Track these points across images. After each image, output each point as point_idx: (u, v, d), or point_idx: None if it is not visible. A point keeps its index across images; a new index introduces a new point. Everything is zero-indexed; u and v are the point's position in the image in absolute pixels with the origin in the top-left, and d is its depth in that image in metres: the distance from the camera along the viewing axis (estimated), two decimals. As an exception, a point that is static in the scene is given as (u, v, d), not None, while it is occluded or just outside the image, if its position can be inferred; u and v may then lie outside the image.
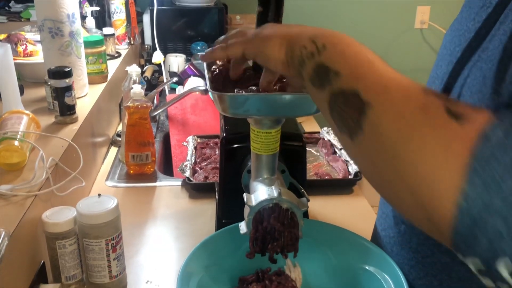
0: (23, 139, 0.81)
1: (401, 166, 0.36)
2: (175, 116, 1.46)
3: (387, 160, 0.38)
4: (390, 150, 0.37)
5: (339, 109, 0.42)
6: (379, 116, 0.38)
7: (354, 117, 0.40)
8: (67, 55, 1.12)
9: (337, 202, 1.06)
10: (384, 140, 0.38)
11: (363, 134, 0.40)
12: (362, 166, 0.43)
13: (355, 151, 0.42)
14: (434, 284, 0.55)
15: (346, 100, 0.41)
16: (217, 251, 0.69)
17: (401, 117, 0.37)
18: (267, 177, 0.69)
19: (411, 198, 0.36)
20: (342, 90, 0.42)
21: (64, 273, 0.75)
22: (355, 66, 0.42)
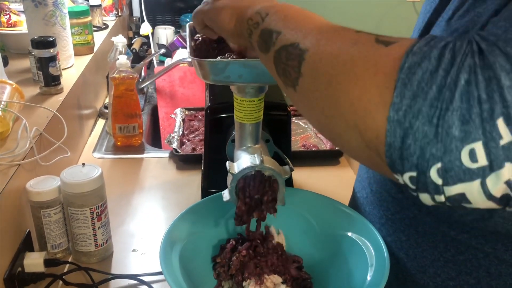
0: (6, 109, 0.81)
1: (336, 97, 0.37)
2: (163, 89, 1.45)
3: (323, 97, 0.39)
4: (326, 85, 0.38)
5: (283, 65, 0.44)
6: (314, 57, 0.40)
7: (295, 66, 0.42)
8: (51, 25, 1.10)
9: (323, 173, 1.07)
10: (320, 78, 0.39)
11: (302, 78, 0.41)
12: (305, 110, 0.43)
13: (299, 98, 0.43)
14: (402, 239, 0.57)
15: (288, 53, 0.43)
16: (200, 219, 0.70)
17: (335, 53, 0.39)
18: (251, 146, 0.70)
19: (346, 125, 0.37)
20: (283, 46, 0.44)
21: (50, 241, 0.75)
22: (295, 23, 0.45)
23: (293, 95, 0.44)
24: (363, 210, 0.66)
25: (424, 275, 0.55)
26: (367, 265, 0.61)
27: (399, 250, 0.58)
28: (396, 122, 0.33)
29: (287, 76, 0.43)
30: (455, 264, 0.52)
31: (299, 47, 0.42)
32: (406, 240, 0.56)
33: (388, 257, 0.59)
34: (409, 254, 0.56)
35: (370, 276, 0.60)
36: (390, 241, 0.59)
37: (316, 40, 0.41)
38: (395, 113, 0.33)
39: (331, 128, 0.40)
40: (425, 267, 0.54)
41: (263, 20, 0.48)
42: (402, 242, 0.57)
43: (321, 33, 0.41)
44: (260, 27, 0.48)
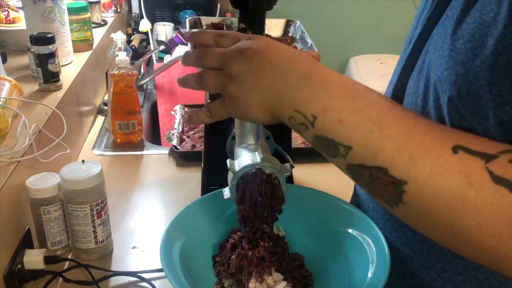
0: (5, 106, 0.80)
1: (463, 238, 0.36)
2: (162, 85, 1.45)
3: (443, 230, 0.37)
4: (445, 224, 0.37)
5: (366, 181, 0.40)
6: (419, 192, 0.37)
7: (390, 191, 0.39)
8: (50, 21, 1.10)
9: (323, 170, 1.06)
10: (435, 215, 0.37)
11: (405, 205, 0.38)
12: (409, 223, 0.42)
13: (398, 213, 0.41)
14: (408, 234, 0.57)
15: (374, 175, 0.39)
16: (201, 216, 0.70)
17: (447, 193, 0.36)
18: (251, 143, 0.69)
19: (475, 255, 0.37)
20: (362, 165, 0.39)
21: (50, 239, 0.75)
22: (365, 136, 0.39)
23: (389, 208, 0.41)
24: (366, 207, 0.65)
25: (431, 270, 0.54)
26: (368, 261, 0.61)
27: (405, 246, 0.57)
28: None
29: (377, 194, 0.40)
30: (462, 260, 0.51)
31: (391, 175, 0.38)
32: (413, 236, 0.56)
33: (389, 254, 0.59)
34: (416, 250, 0.56)
35: (371, 272, 0.59)
36: (396, 237, 0.59)
37: (413, 170, 0.37)
38: None
39: (449, 245, 0.40)
40: (432, 262, 0.54)
41: (312, 124, 0.41)
42: (408, 238, 0.57)
43: (412, 159, 0.37)
44: (311, 131, 0.42)
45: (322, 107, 0.41)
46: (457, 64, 0.42)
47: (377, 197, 0.41)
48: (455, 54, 0.43)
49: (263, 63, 0.46)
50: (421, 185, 0.37)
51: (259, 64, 0.46)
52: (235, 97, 0.48)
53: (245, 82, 0.47)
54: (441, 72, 0.45)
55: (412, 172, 0.37)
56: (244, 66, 0.47)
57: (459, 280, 0.52)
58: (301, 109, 0.42)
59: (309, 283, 0.66)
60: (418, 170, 0.37)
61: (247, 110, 0.48)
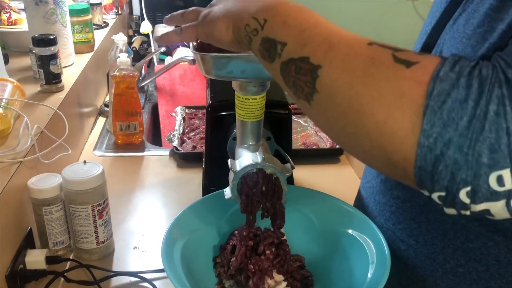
0: (7, 107, 0.81)
1: (359, 118, 0.38)
2: (163, 87, 1.46)
3: (344, 115, 0.39)
4: (346, 105, 0.39)
5: (292, 78, 0.43)
6: (330, 75, 0.40)
7: (308, 81, 0.41)
8: (52, 23, 1.10)
9: (323, 171, 1.07)
10: (339, 96, 0.39)
11: (318, 94, 0.41)
12: (322, 125, 0.44)
13: (315, 112, 0.43)
14: (412, 226, 0.57)
15: (297, 67, 0.42)
16: (202, 217, 0.70)
17: (351, 71, 0.38)
18: (252, 143, 0.70)
19: (371, 145, 0.38)
20: (291, 59, 0.43)
21: (51, 239, 0.75)
22: (299, 33, 0.43)
23: (307, 108, 0.43)
24: (372, 200, 0.66)
25: (433, 261, 0.55)
26: (368, 262, 0.61)
27: (409, 237, 0.58)
28: (427, 148, 0.35)
29: (298, 89, 0.43)
30: (464, 252, 0.52)
31: (310, 62, 0.41)
32: (416, 228, 0.57)
33: (389, 254, 0.59)
34: (419, 241, 0.57)
35: (371, 273, 0.60)
36: (400, 229, 0.59)
37: (329, 55, 0.40)
38: (425, 139, 0.35)
39: (353, 144, 0.41)
40: (435, 254, 0.55)
41: (262, 27, 0.46)
42: (412, 230, 0.57)
43: (331, 47, 0.41)
44: (259, 35, 0.46)
45: (273, 12, 0.46)
46: (467, 48, 0.44)
47: (300, 96, 0.43)
48: (465, 40, 0.45)
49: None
50: (333, 67, 0.40)
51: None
52: (204, 16, 0.54)
53: (217, 4, 0.54)
54: None
55: (328, 56, 0.40)
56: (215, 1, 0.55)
57: (460, 271, 0.53)
58: (257, 15, 0.47)
59: (310, 284, 0.67)
60: (334, 55, 0.40)
61: (213, 25, 0.52)
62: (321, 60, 0.40)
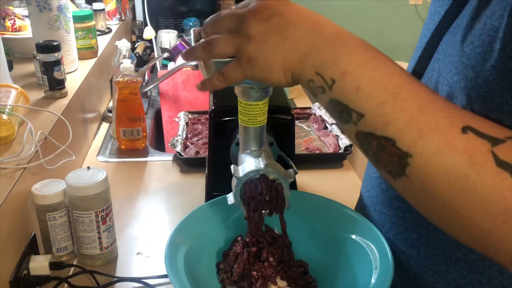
0: (11, 113, 0.81)
1: (459, 218, 0.37)
2: (166, 92, 1.46)
3: (440, 207, 0.38)
4: (443, 201, 0.37)
5: (373, 150, 0.40)
6: (423, 168, 0.38)
7: (395, 163, 0.39)
8: (55, 29, 1.11)
9: (327, 176, 1.07)
10: (434, 191, 0.37)
11: (407, 178, 0.39)
12: (408, 198, 0.43)
13: (398, 186, 0.41)
14: (413, 237, 0.57)
15: (380, 145, 0.39)
16: (205, 222, 0.70)
17: (449, 170, 0.36)
18: (255, 149, 0.70)
19: (470, 238, 0.38)
20: (371, 133, 0.40)
21: (55, 244, 0.76)
22: (378, 106, 0.39)
23: (390, 179, 0.41)
24: (372, 209, 0.66)
25: (435, 273, 0.55)
26: (371, 267, 0.61)
27: (410, 248, 0.58)
28: None
29: (380, 162, 0.40)
30: (466, 263, 0.51)
31: (398, 147, 0.38)
32: (418, 239, 0.56)
33: (393, 260, 0.59)
34: (420, 252, 0.56)
35: (374, 279, 0.60)
36: (401, 239, 0.59)
37: (420, 144, 0.37)
38: None
39: (444, 225, 0.40)
40: (436, 265, 0.54)
41: (329, 88, 0.41)
42: (413, 241, 0.57)
43: (421, 134, 0.37)
44: (327, 95, 0.42)
45: (342, 72, 0.41)
46: (467, 69, 0.43)
47: (381, 168, 0.41)
48: (465, 60, 0.43)
49: (284, 23, 0.44)
50: (425, 160, 0.37)
51: (281, 24, 0.44)
52: (254, 58, 0.45)
53: (265, 42, 0.44)
54: (451, 78, 0.45)
55: (419, 146, 0.38)
56: (263, 26, 0.44)
57: (463, 283, 0.52)
58: (322, 72, 0.42)
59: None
60: (425, 145, 0.37)
61: (269, 72, 0.46)
62: (411, 148, 0.38)
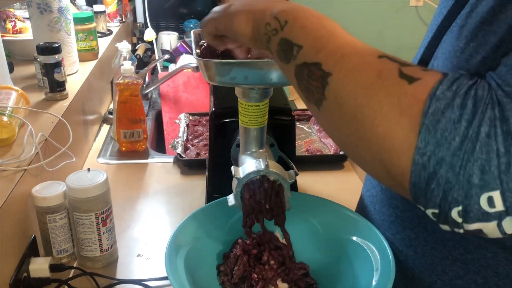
0: (12, 115, 0.81)
1: (361, 129, 0.39)
2: (167, 94, 1.46)
3: (348, 124, 0.40)
4: (351, 115, 0.39)
5: (305, 82, 0.44)
6: (339, 84, 0.40)
7: (318, 87, 0.42)
8: (56, 31, 1.11)
9: (328, 178, 1.07)
10: (345, 106, 0.40)
11: (326, 101, 0.42)
12: (329, 131, 0.45)
13: (322, 118, 0.44)
14: (411, 237, 0.57)
15: (310, 72, 0.43)
16: (206, 223, 0.70)
17: (358, 83, 0.39)
18: (255, 150, 0.70)
19: (372, 157, 0.39)
20: (305, 63, 0.44)
21: (55, 246, 0.75)
22: (315, 38, 0.44)
23: (317, 113, 0.44)
24: (372, 209, 0.66)
25: (432, 273, 0.55)
26: (372, 269, 0.61)
27: (407, 248, 0.58)
28: (421, 165, 0.36)
29: (309, 93, 0.44)
30: (463, 263, 0.52)
31: (322, 68, 0.42)
32: (415, 238, 0.56)
33: (394, 261, 0.59)
34: (418, 252, 0.56)
35: (375, 280, 0.59)
36: (399, 239, 0.59)
37: (339, 63, 0.41)
38: (419, 157, 0.35)
39: (356, 154, 0.42)
40: (433, 265, 0.54)
41: (281, 28, 0.47)
42: (411, 240, 0.57)
43: (343, 56, 0.41)
44: (279, 35, 0.47)
45: (295, 16, 0.47)
46: (461, 63, 0.45)
47: (310, 100, 0.44)
48: (459, 54, 0.45)
49: None
50: (341, 76, 0.40)
51: None
52: (226, 8, 0.53)
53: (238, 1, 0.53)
54: None
55: (339, 65, 0.41)
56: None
57: (459, 284, 0.53)
58: (279, 16, 0.47)
59: (314, 291, 0.66)
60: (343, 64, 0.41)
61: (233, 18, 0.52)
62: (332, 68, 0.41)
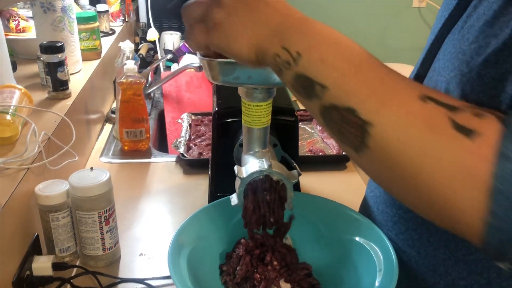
0: (15, 113, 0.81)
1: (418, 184, 0.37)
2: (169, 94, 1.46)
3: (400, 177, 0.38)
4: (403, 169, 0.37)
5: (336, 125, 0.40)
6: (384, 136, 0.37)
7: (356, 135, 0.39)
8: (59, 30, 1.11)
9: (330, 178, 1.06)
10: (394, 159, 0.37)
11: (369, 150, 0.39)
12: (372, 175, 0.42)
13: (362, 162, 0.41)
14: (414, 237, 0.57)
15: (343, 117, 0.39)
16: (208, 223, 0.70)
17: (407, 136, 0.36)
18: (259, 150, 0.70)
19: (428, 208, 0.38)
20: (334, 105, 0.40)
21: (58, 245, 0.75)
22: (341, 77, 0.39)
23: (353, 155, 0.41)
24: (375, 209, 0.66)
25: (434, 273, 0.55)
26: (375, 269, 0.61)
27: (410, 248, 0.58)
28: (495, 228, 0.35)
29: (344, 137, 0.40)
30: (466, 264, 0.52)
31: (359, 116, 0.38)
32: (418, 239, 0.56)
33: (397, 262, 0.58)
34: (421, 252, 0.56)
35: (378, 281, 0.59)
36: (402, 239, 0.59)
37: (379, 113, 0.37)
38: (493, 220, 0.34)
39: (405, 197, 0.40)
40: (436, 265, 0.54)
41: (295, 61, 0.41)
42: (414, 241, 0.57)
43: (382, 103, 0.37)
44: (293, 69, 0.41)
45: (308, 45, 0.41)
46: (462, 65, 0.44)
47: (346, 143, 0.41)
48: (461, 56, 0.45)
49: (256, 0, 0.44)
50: (386, 128, 0.37)
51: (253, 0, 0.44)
52: (221, 23, 0.45)
53: (235, 12, 0.44)
54: (448, 74, 0.46)
55: (379, 114, 0.38)
56: None
57: (462, 284, 0.53)
58: (289, 46, 0.41)
59: (317, 291, 0.66)
60: (385, 113, 0.37)
61: (233, 41, 0.44)
62: (371, 117, 0.38)
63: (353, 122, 0.39)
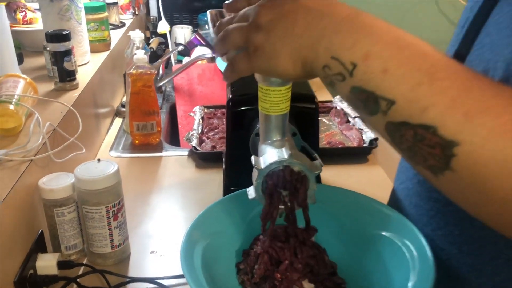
0: (19, 103, 0.77)
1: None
2: (181, 87, 1.42)
3: (492, 201, 0.32)
4: (498, 195, 0.32)
5: (407, 143, 0.35)
6: (474, 156, 0.32)
7: (437, 156, 0.33)
8: (66, 19, 1.07)
9: (351, 171, 1.01)
10: (489, 184, 0.32)
11: (453, 173, 0.33)
12: (452, 197, 0.37)
13: (440, 184, 0.36)
14: (455, 233, 0.51)
15: (418, 135, 0.33)
16: (224, 218, 0.65)
17: (505, 156, 0.31)
18: (277, 139, 0.64)
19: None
20: (405, 123, 0.34)
21: (64, 242, 0.71)
22: (412, 89, 0.33)
23: (429, 176, 0.36)
24: (407, 203, 0.60)
25: (480, 273, 0.49)
26: (408, 268, 0.55)
27: (451, 245, 0.52)
28: None
29: (417, 156, 0.35)
30: None
31: (440, 135, 0.32)
32: (460, 234, 0.50)
33: (433, 259, 0.53)
34: (463, 250, 0.50)
35: (412, 281, 0.54)
36: (441, 235, 0.53)
37: (467, 130, 0.32)
38: None
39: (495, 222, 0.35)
40: (482, 264, 0.48)
41: (350, 74, 0.36)
42: (454, 237, 0.51)
43: (469, 117, 0.31)
44: (348, 82, 0.36)
45: (364, 53, 0.35)
46: (506, 56, 0.38)
47: (419, 163, 0.35)
48: (500, 50, 0.39)
49: (295, 8, 0.39)
50: (477, 147, 0.31)
51: (291, 10, 0.40)
52: (261, 47, 0.41)
53: (273, 29, 0.40)
54: (510, 53, 0.39)
55: (467, 132, 0.32)
56: (273, 13, 0.40)
57: None
58: (339, 55, 0.36)
59: (342, 292, 0.61)
60: (475, 130, 0.31)
61: (275, 61, 0.41)
62: (457, 135, 0.32)
63: (432, 142, 0.33)
